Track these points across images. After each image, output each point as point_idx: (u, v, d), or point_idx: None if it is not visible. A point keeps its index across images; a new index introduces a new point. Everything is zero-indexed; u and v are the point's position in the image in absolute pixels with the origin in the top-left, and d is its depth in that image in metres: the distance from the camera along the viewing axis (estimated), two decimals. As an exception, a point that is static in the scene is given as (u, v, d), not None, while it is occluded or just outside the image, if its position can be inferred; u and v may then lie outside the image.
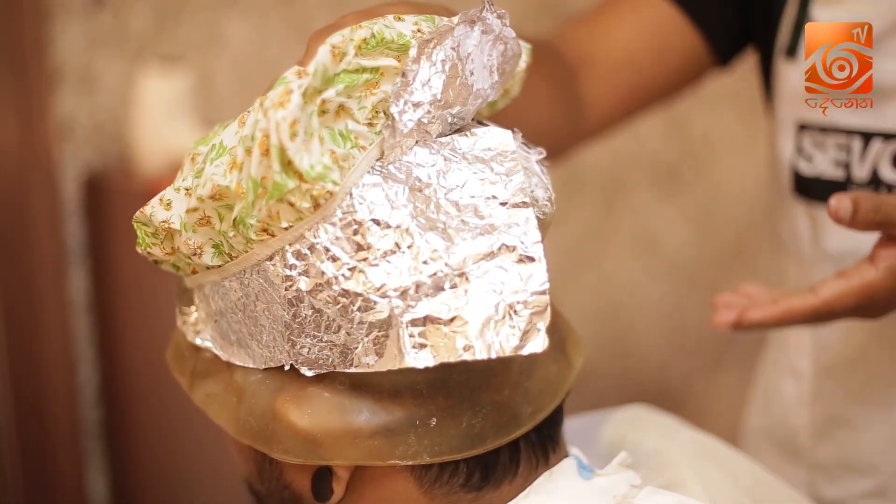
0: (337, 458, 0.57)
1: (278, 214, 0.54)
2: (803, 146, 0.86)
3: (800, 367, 0.93)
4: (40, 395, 1.74)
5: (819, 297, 0.69)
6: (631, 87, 0.94)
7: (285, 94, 0.52)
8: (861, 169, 0.82)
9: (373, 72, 0.56)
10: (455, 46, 0.56)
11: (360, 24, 0.55)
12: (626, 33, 0.93)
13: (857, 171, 0.83)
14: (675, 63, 0.94)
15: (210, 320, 0.63)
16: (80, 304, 1.80)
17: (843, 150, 0.83)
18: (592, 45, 0.92)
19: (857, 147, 0.82)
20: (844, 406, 0.90)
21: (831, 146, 0.84)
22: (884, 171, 0.81)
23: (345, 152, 0.55)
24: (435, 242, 0.54)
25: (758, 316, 0.70)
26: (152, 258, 0.62)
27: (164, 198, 0.58)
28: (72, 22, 1.73)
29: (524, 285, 0.53)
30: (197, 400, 0.64)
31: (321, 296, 0.55)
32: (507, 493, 0.60)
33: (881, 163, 0.81)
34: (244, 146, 0.54)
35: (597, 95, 0.91)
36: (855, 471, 0.90)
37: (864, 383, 0.89)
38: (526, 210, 0.55)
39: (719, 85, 1.32)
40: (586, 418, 0.76)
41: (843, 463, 0.91)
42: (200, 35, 1.86)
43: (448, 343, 0.52)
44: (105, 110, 1.79)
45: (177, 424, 1.70)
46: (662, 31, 0.93)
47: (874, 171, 0.82)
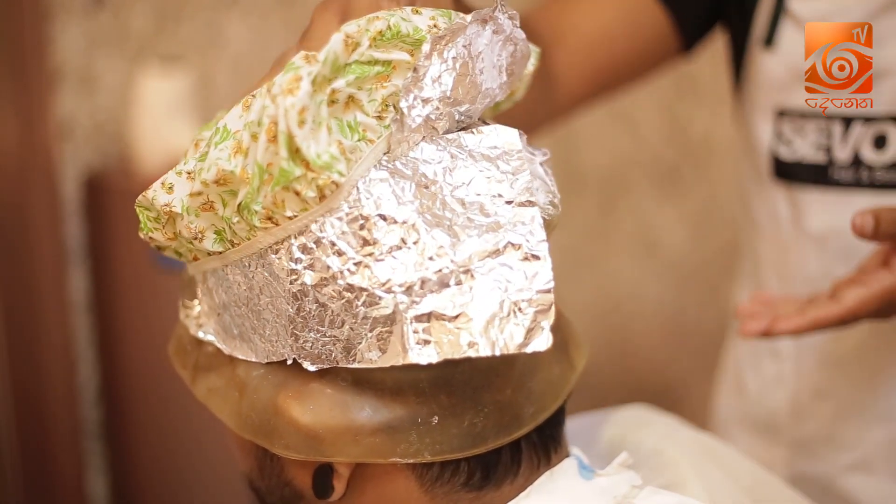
0: (338, 455, 0.57)
1: (283, 203, 0.54)
2: (783, 132, 0.88)
3: (779, 347, 0.95)
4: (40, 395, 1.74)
5: (843, 307, 0.73)
6: (601, 66, 0.95)
7: (294, 80, 0.51)
8: (842, 151, 0.85)
9: (385, 65, 0.56)
10: (467, 45, 0.57)
11: (378, 15, 0.55)
12: (601, 11, 0.95)
13: (838, 154, 0.85)
14: (644, 44, 0.96)
15: (213, 314, 0.63)
16: (80, 304, 1.80)
17: (823, 135, 0.85)
18: (567, 21, 0.94)
19: (837, 131, 0.84)
20: (828, 381, 0.91)
21: (812, 131, 0.86)
22: (865, 152, 0.84)
23: (352, 144, 0.55)
24: (441, 239, 0.54)
25: (788, 326, 0.74)
26: (154, 243, 0.62)
27: (166, 181, 0.58)
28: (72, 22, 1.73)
29: (529, 283, 0.53)
30: (199, 394, 0.64)
31: (326, 290, 0.55)
32: (509, 493, 0.60)
33: (863, 145, 0.84)
34: (250, 131, 0.54)
35: (567, 72, 0.92)
36: (838, 444, 0.91)
37: (849, 356, 0.90)
38: (531, 209, 0.55)
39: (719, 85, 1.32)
40: (586, 418, 0.76)
41: (825, 437, 0.92)
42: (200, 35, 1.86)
43: (452, 339, 0.52)
44: (105, 110, 1.79)
45: (177, 424, 1.70)
46: (635, 11, 0.95)
47: (855, 154, 0.84)
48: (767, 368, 0.96)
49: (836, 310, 0.73)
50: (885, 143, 0.83)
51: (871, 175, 0.84)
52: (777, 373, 0.95)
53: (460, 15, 0.58)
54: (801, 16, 0.86)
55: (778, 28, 0.88)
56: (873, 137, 0.83)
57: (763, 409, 0.97)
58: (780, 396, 0.95)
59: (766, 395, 0.96)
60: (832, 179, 0.86)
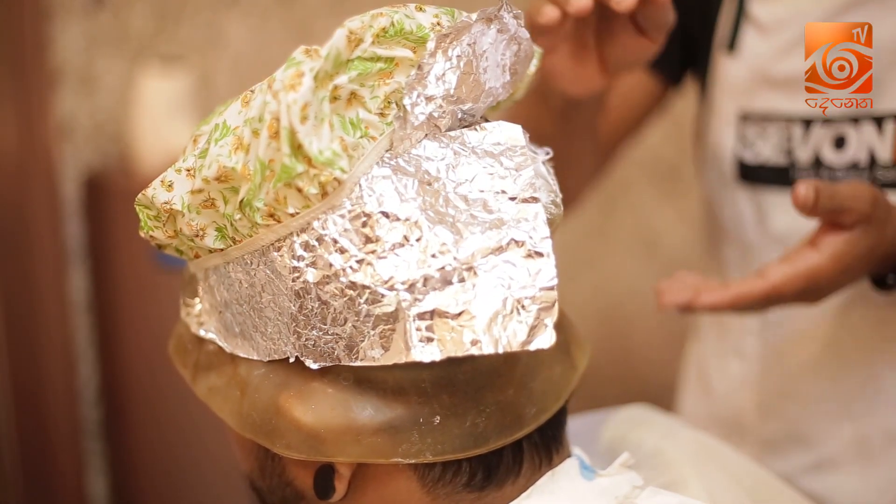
0: (339, 455, 0.57)
1: (285, 199, 0.54)
2: (746, 135, 0.89)
3: (745, 347, 0.95)
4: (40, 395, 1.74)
5: (768, 282, 0.72)
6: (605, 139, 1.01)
7: (296, 76, 0.51)
8: (803, 153, 0.85)
9: (388, 61, 0.56)
10: (471, 43, 0.57)
11: (381, 12, 0.55)
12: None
13: (799, 156, 0.85)
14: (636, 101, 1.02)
15: (214, 312, 0.63)
16: (80, 304, 1.80)
17: (784, 137, 0.86)
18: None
19: (798, 133, 0.85)
20: (793, 382, 0.92)
21: (773, 133, 0.87)
22: (825, 154, 0.84)
23: (354, 141, 0.55)
24: (444, 236, 0.54)
25: (709, 300, 0.73)
26: (155, 242, 0.62)
27: (166, 179, 0.58)
28: (72, 22, 1.73)
29: (532, 280, 0.52)
30: (200, 393, 0.64)
31: (328, 288, 0.54)
32: (510, 493, 0.60)
33: (823, 147, 0.84)
34: (251, 128, 0.54)
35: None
36: (803, 444, 0.91)
37: (814, 357, 0.90)
38: (535, 205, 0.55)
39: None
40: (587, 418, 0.76)
41: (791, 437, 0.92)
42: (200, 35, 1.86)
43: (455, 337, 0.52)
44: (105, 110, 1.79)
45: (177, 424, 1.70)
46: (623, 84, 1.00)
47: (816, 156, 0.85)
48: (733, 369, 0.97)
49: (760, 285, 0.72)
50: (844, 143, 0.84)
51: (831, 175, 0.84)
52: (743, 373, 0.96)
53: (464, 13, 0.58)
54: (761, 20, 0.87)
55: (739, 32, 0.89)
56: (833, 139, 0.84)
57: (729, 409, 0.97)
58: (745, 397, 0.95)
59: (732, 395, 0.97)
60: (794, 181, 0.86)
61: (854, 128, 0.83)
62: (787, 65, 0.86)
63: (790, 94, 0.86)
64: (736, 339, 0.96)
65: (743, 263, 0.94)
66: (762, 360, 0.94)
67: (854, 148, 0.83)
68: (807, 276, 0.71)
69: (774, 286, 0.72)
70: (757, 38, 0.88)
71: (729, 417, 0.97)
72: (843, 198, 0.71)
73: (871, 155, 0.83)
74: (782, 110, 0.86)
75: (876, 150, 0.82)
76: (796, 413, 0.92)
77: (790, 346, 0.92)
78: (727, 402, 0.98)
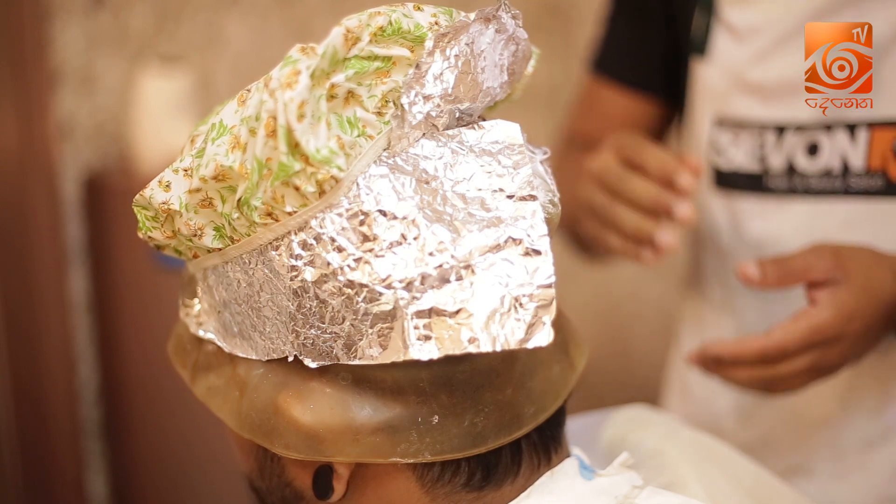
0: (338, 455, 0.57)
1: (283, 198, 0.54)
2: (719, 142, 0.89)
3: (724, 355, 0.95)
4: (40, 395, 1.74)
5: (769, 338, 0.75)
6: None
7: (293, 74, 0.51)
8: (776, 159, 0.86)
9: (385, 60, 0.56)
10: (470, 43, 0.57)
11: (379, 10, 0.55)
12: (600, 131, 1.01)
13: (772, 162, 0.86)
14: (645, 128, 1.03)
15: (213, 312, 0.63)
16: (80, 304, 1.80)
17: (757, 143, 0.86)
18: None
19: (770, 140, 0.85)
20: None
21: (746, 139, 0.87)
22: (798, 160, 0.85)
23: (352, 140, 0.55)
24: (441, 234, 0.54)
25: (716, 349, 0.77)
26: (153, 242, 0.62)
27: (163, 179, 0.58)
28: (72, 22, 1.73)
29: (530, 278, 0.52)
30: (199, 393, 0.64)
31: (326, 286, 0.54)
32: (509, 493, 0.60)
33: (796, 154, 0.85)
34: (248, 126, 0.54)
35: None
36: (779, 449, 0.92)
37: None
38: (533, 203, 0.55)
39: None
40: (586, 418, 0.76)
41: (767, 442, 0.92)
42: (200, 35, 1.86)
43: (453, 335, 0.52)
44: (105, 110, 1.79)
45: (177, 424, 1.70)
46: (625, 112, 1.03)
47: (789, 162, 0.85)
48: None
49: (761, 339, 0.74)
50: (817, 150, 0.84)
51: (804, 182, 0.85)
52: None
53: (462, 13, 0.58)
54: (734, 25, 0.87)
55: (711, 36, 0.89)
56: (806, 146, 0.84)
57: (708, 414, 0.98)
58: (724, 403, 0.96)
59: (711, 400, 0.97)
60: (767, 187, 0.87)
61: (826, 135, 0.83)
62: (761, 71, 0.86)
63: (764, 100, 0.86)
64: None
65: (720, 271, 0.94)
66: None
67: (827, 155, 0.83)
68: (809, 329, 0.73)
69: (775, 342, 0.74)
70: (731, 43, 0.88)
71: (708, 422, 0.97)
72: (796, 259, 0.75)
73: (843, 162, 0.83)
74: (755, 116, 0.86)
75: (849, 157, 0.82)
76: (772, 420, 0.92)
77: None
78: (706, 407, 0.98)
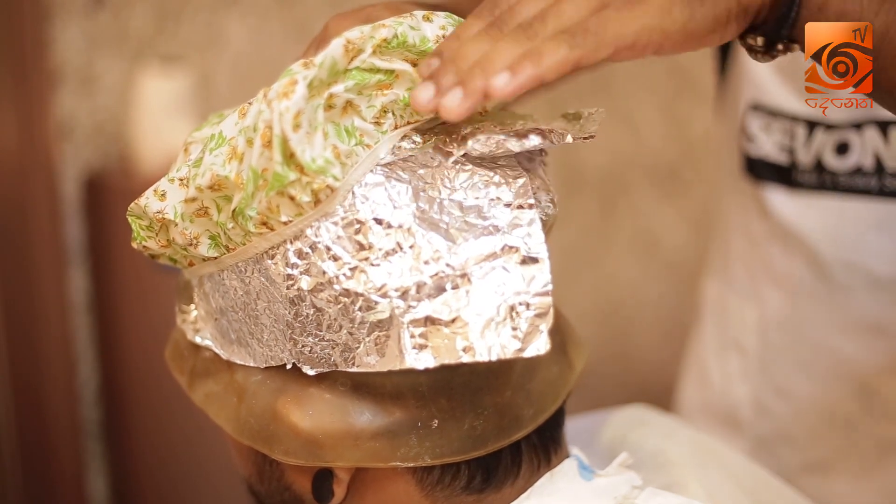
0: (338, 460, 0.57)
1: (278, 208, 0.54)
2: (752, 127, 0.88)
3: (744, 341, 0.95)
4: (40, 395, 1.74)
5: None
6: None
7: (290, 84, 0.51)
8: (805, 155, 0.85)
9: (387, 73, 0.55)
10: None
11: (384, 23, 0.54)
12: None
13: (801, 157, 0.85)
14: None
15: (210, 318, 0.63)
16: (80, 304, 1.80)
17: (787, 136, 0.86)
18: None
19: (801, 134, 0.85)
20: (789, 380, 0.91)
21: (777, 130, 0.86)
22: (827, 158, 0.84)
23: (348, 149, 0.54)
24: (437, 243, 0.53)
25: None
26: (148, 252, 0.62)
27: (159, 189, 0.58)
28: (72, 22, 1.73)
29: (527, 286, 0.52)
30: (197, 400, 0.63)
31: (322, 295, 0.54)
32: (509, 495, 0.60)
33: (825, 151, 0.84)
34: (245, 137, 0.54)
35: None
36: (795, 444, 0.91)
37: (809, 359, 0.90)
38: (530, 211, 0.54)
39: (719, 85, 1.31)
40: (586, 418, 0.76)
41: (784, 436, 0.92)
42: (200, 35, 1.86)
43: (448, 344, 0.52)
44: (105, 110, 1.79)
45: (177, 424, 1.70)
46: None
47: (818, 160, 0.84)
48: (732, 362, 0.97)
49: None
50: (847, 149, 0.83)
51: (833, 180, 0.84)
52: (741, 367, 0.95)
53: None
54: None
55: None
56: (835, 144, 0.83)
57: (725, 403, 0.97)
58: (742, 392, 0.95)
59: (729, 388, 0.97)
60: (796, 181, 0.86)
61: (857, 133, 0.82)
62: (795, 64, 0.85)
63: (797, 92, 0.85)
64: (736, 334, 0.96)
65: (747, 257, 0.93)
66: (761, 358, 0.94)
67: (858, 153, 0.82)
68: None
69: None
70: None
71: (724, 411, 0.97)
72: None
73: (877, 160, 0.82)
74: (789, 108, 0.86)
75: (882, 155, 0.81)
76: (789, 413, 0.92)
77: (788, 345, 0.92)
78: (724, 395, 0.97)
